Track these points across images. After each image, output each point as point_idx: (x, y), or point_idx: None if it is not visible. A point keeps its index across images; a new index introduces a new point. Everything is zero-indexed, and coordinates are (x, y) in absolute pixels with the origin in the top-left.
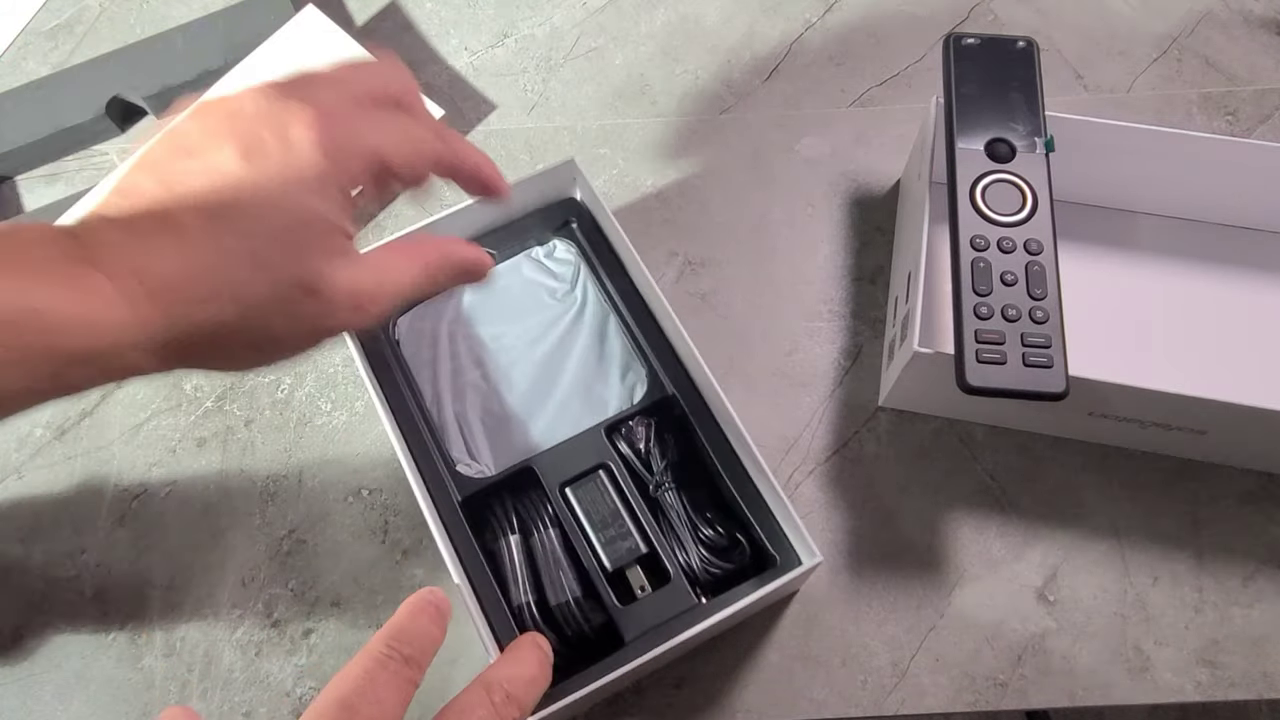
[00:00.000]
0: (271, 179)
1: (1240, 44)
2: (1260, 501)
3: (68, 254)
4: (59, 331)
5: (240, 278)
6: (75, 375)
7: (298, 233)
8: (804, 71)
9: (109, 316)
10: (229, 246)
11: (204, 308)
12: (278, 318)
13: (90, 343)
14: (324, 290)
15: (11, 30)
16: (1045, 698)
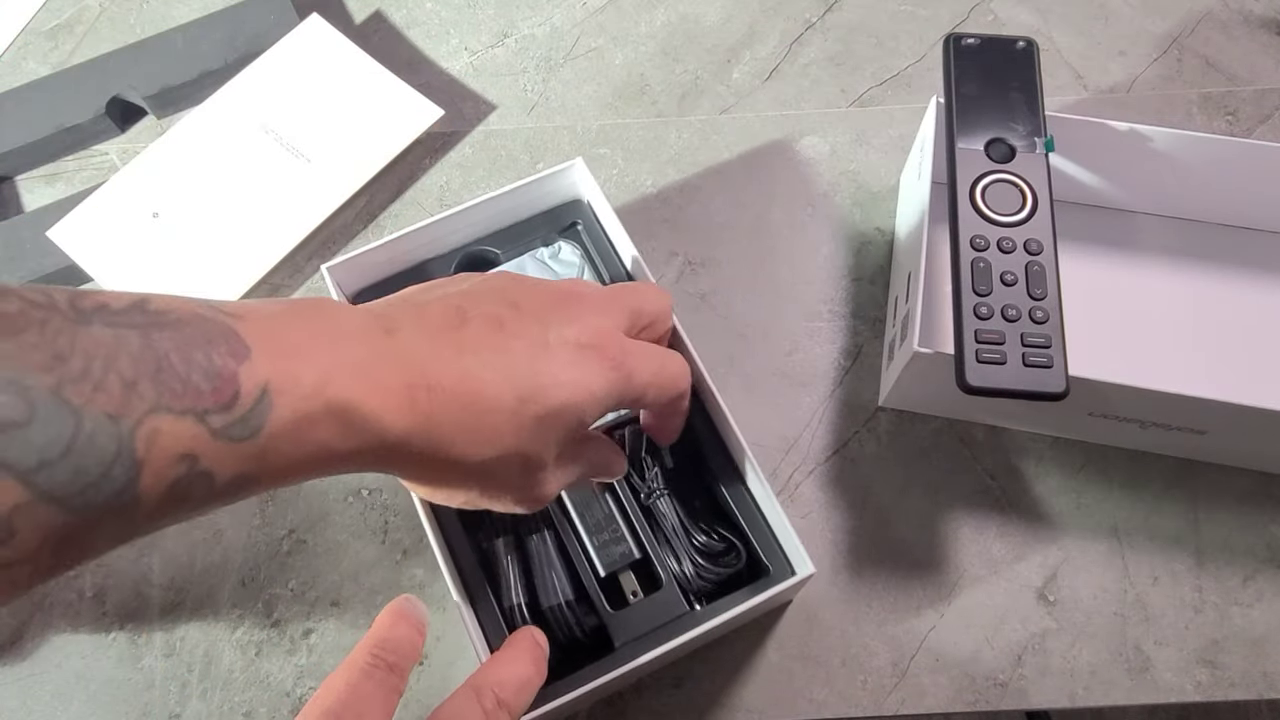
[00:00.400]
0: (560, 378)
1: (1240, 44)
2: (1260, 501)
3: (379, 353)
4: (354, 426)
5: (500, 426)
6: (334, 466)
7: (559, 426)
8: (804, 71)
9: (393, 423)
10: (504, 396)
11: (462, 439)
12: (496, 477)
13: (367, 441)
14: (543, 480)
15: (11, 30)
16: (1045, 698)
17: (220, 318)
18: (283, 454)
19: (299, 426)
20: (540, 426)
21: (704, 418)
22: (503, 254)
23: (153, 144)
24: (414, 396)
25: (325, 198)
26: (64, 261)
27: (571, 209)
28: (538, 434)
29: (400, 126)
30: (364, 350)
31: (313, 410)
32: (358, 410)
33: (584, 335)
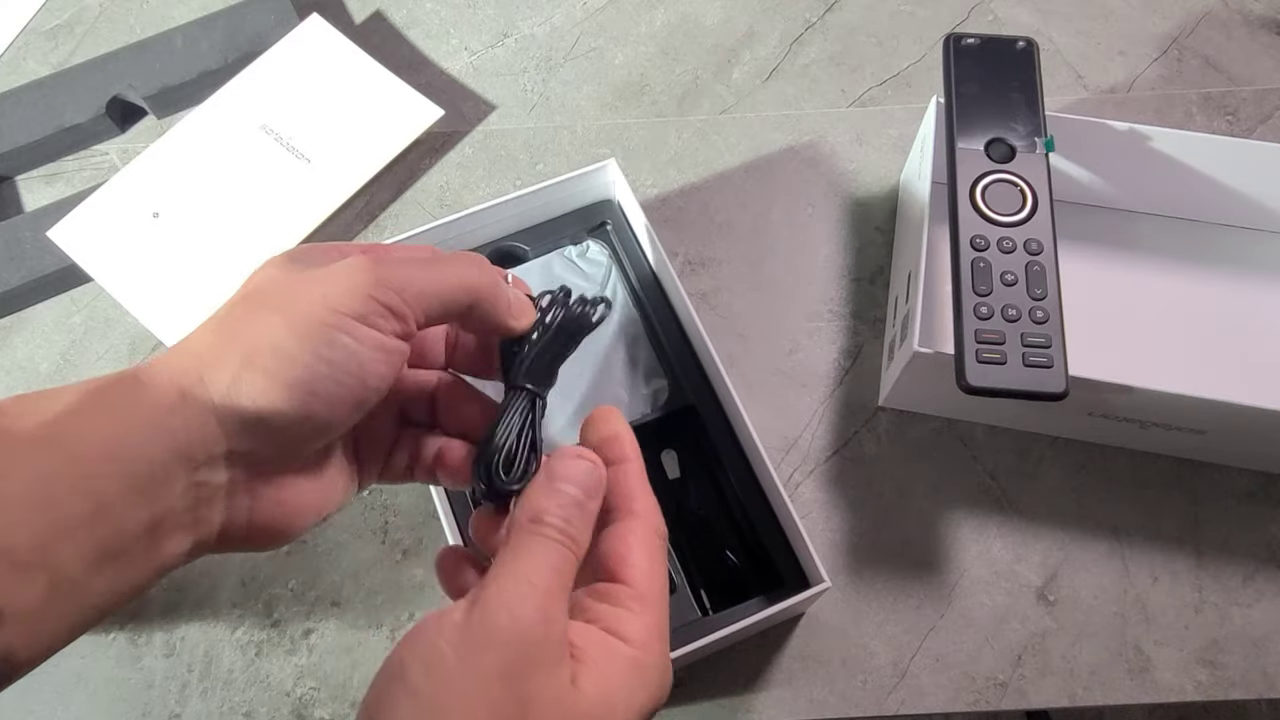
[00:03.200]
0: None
1: (1240, 44)
2: (1260, 501)
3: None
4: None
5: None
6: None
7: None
8: (804, 71)
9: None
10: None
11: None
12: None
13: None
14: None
15: (11, 30)
16: (1045, 698)
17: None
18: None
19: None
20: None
21: (724, 425)
22: (531, 251)
23: (153, 144)
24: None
25: (325, 198)
26: (64, 261)
27: (601, 209)
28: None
29: (400, 126)
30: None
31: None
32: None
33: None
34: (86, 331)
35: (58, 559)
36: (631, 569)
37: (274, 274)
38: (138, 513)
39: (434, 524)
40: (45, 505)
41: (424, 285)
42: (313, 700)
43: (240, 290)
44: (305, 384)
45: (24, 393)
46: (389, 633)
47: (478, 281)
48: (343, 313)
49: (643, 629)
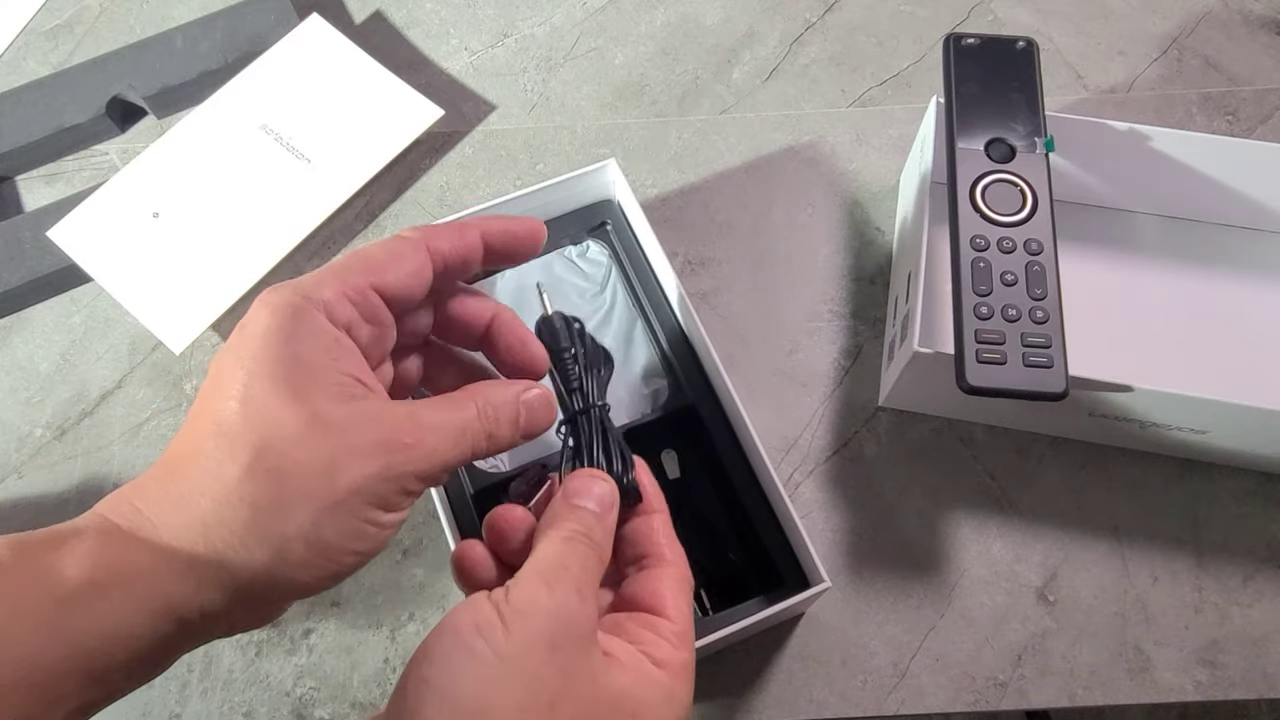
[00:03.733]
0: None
1: (1240, 44)
2: (1260, 501)
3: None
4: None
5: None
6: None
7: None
8: (804, 71)
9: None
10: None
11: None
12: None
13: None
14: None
15: (11, 30)
16: (1045, 698)
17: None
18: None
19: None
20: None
21: (724, 425)
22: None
23: (153, 144)
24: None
25: (325, 198)
26: (64, 261)
27: (601, 209)
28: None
29: (400, 126)
30: None
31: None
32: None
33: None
34: (86, 331)
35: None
36: (670, 607)
37: (289, 427)
38: (135, 676)
39: (434, 524)
40: (44, 686)
41: (440, 464)
42: (313, 700)
43: (242, 424)
44: (330, 571)
45: (19, 542)
46: (389, 633)
47: (480, 450)
48: (372, 504)
49: (678, 662)
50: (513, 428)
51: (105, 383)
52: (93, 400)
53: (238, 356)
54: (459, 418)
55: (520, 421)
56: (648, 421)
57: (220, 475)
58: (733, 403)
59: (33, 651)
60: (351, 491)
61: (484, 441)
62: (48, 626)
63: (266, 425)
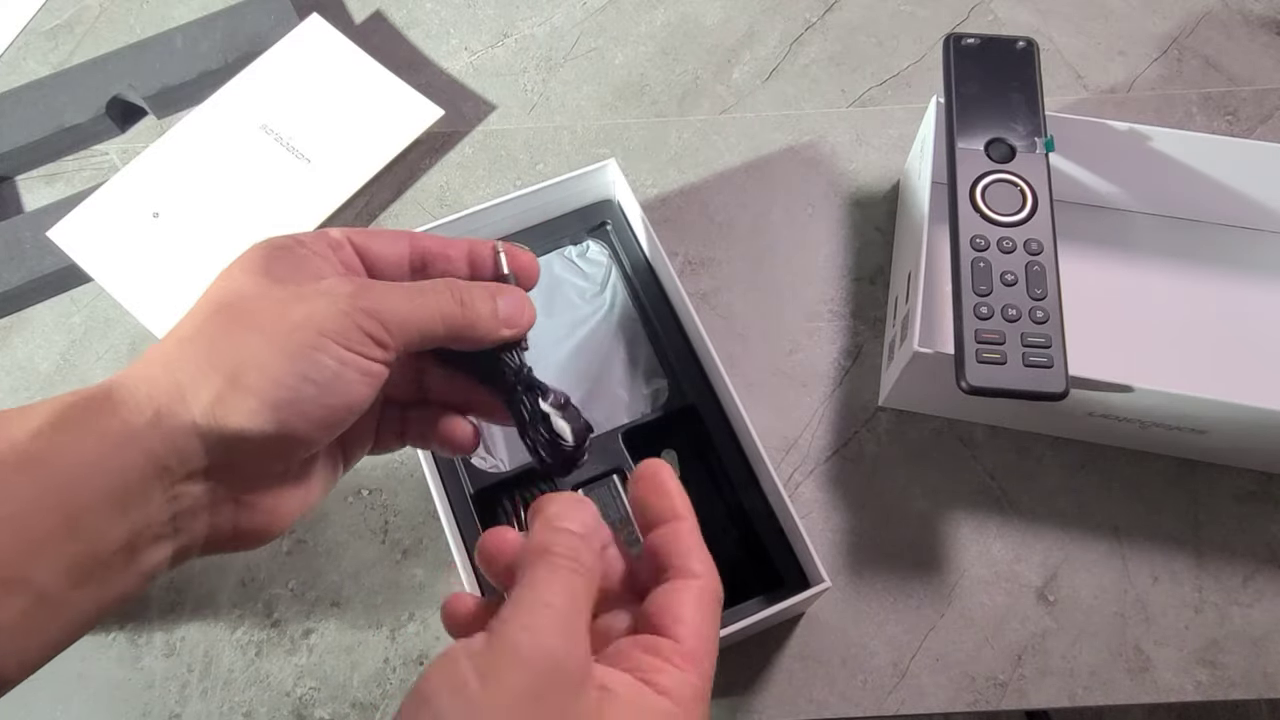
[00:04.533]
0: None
1: (1240, 44)
2: (1260, 501)
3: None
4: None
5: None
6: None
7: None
8: (804, 71)
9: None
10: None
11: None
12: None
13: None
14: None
15: (11, 30)
16: (1045, 698)
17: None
18: None
19: None
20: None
21: (724, 426)
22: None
23: (153, 144)
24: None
25: (325, 198)
26: (64, 261)
27: (601, 209)
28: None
29: (400, 126)
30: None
31: None
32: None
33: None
34: (86, 331)
35: (35, 575)
36: (680, 626)
37: (250, 286)
38: (115, 528)
39: (434, 524)
40: (20, 524)
41: (405, 316)
42: (313, 700)
43: (212, 297)
44: (290, 404)
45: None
46: (389, 633)
47: (454, 315)
48: (327, 336)
49: (683, 686)
50: (489, 304)
51: None
52: None
53: (223, 271)
54: (425, 284)
55: (499, 306)
56: (648, 421)
57: (182, 327)
58: (733, 403)
59: (3, 485)
60: (301, 321)
61: (457, 308)
62: (16, 464)
63: (231, 290)
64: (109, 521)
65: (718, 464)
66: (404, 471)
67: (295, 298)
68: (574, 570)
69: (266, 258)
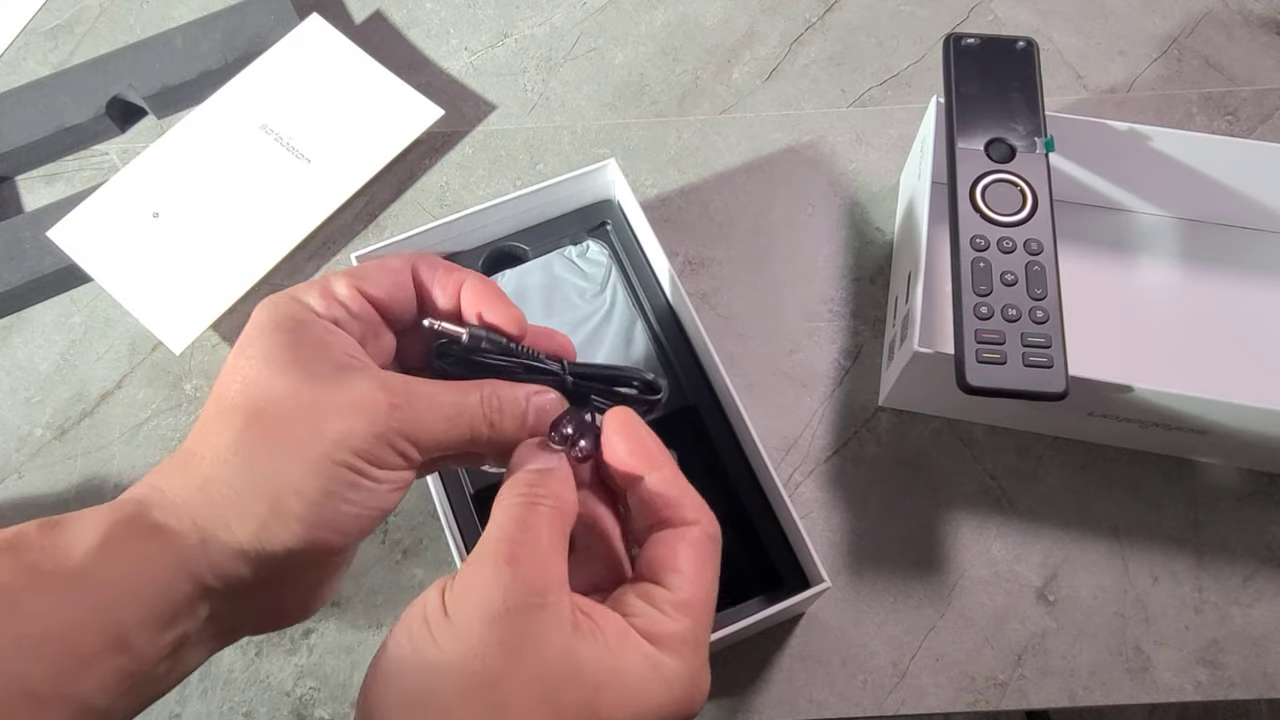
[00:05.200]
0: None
1: (1240, 44)
2: (1260, 501)
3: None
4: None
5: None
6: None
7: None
8: (804, 71)
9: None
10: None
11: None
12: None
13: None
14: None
15: (11, 30)
16: (1045, 698)
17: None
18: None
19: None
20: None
21: (724, 425)
22: (531, 251)
23: (153, 144)
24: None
25: (325, 198)
26: (64, 261)
27: (601, 209)
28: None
29: (400, 126)
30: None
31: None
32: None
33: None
34: (86, 331)
35: (83, 692)
36: (673, 574)
37: (279, 386)
38: (160, 641)
39: (434, 524)
40: (71, 641)
41: (438, 438)
42: (313, 700)
43: (239, 396)
44: (329, 522)
45: (45, 520)
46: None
47: (480, 436)
48: (362, 458)
49: (674, 634)
50: (518, 423)
51: (105, 383)
52: (93, 400)
53: (240, 351)
54: (457, 397)
55: (528, 420)
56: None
57: (218, 440)
58: (733, 402)
59: (56, 605)
60: (337, 441)
61: (485, 428)
62: (67, 583)
63: (261, 394)
64: (155, 636)
65: (718, 464)
66: None
67: (330, 407)
68: (530, 505)
69: (291, 345)
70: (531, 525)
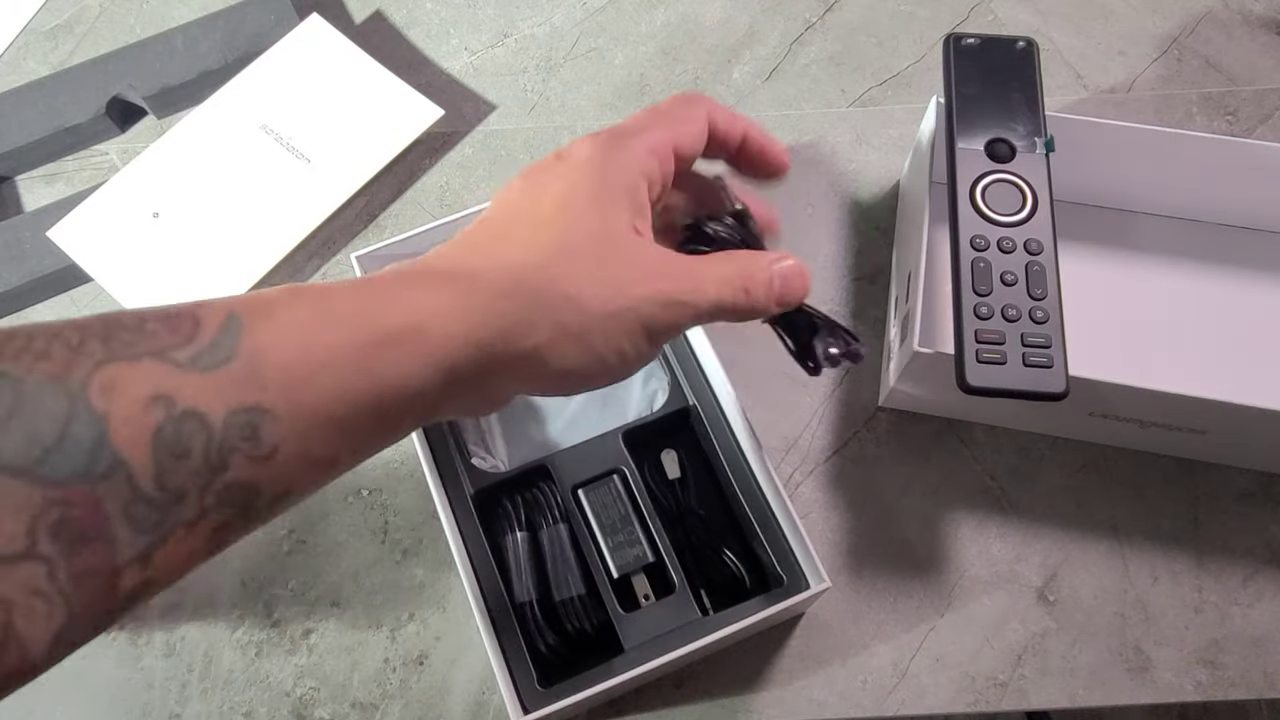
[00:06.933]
0: (572, 188)
1: (1240, 44)
2: (1260, 501)
3: (409, 275)
4: (408, 347)
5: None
6: (395, 399)
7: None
8: (804, 71)
9: (467, 330)
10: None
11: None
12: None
13: (429, 361)
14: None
15: (11, 30)
16: (1045, 698)
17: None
18: (292, 375)
19: (305, 340)
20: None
21: (724, 426)
22: None
23: (153, 144)
24: (489, 301)
25: (325, 198)
26: (64, 261)
27: None
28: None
29: (400, 126)
30: (408, 269)
31: (323, 322)
32: (409, 327)
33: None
34: None
35: (341, 456)
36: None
37: (586, 238)
38: (411, 424)
39: (434, 524)
40: (348, 425)
41: (702, 306)
42: (313, 700)
43: (551, 229)
44: (601, 363)
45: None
46: (389, 633)
47: (734, 295)
48: (644, 326)
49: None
50: (767, 289)
51: None
52: None
53: (557, 174)
54: (725, 268)
55: (775, 286)
56: (648, 422)
57: (537, 242)
58: (732, 403)
59: (342, 388)
60: (632, 305)
61: (743, 295)
62: (355, 366)
63: (576, 228)
64: (401, 425)
65: (718, 464)
66: (404, 471)
67: (630, 270)
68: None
69: (602, 175)
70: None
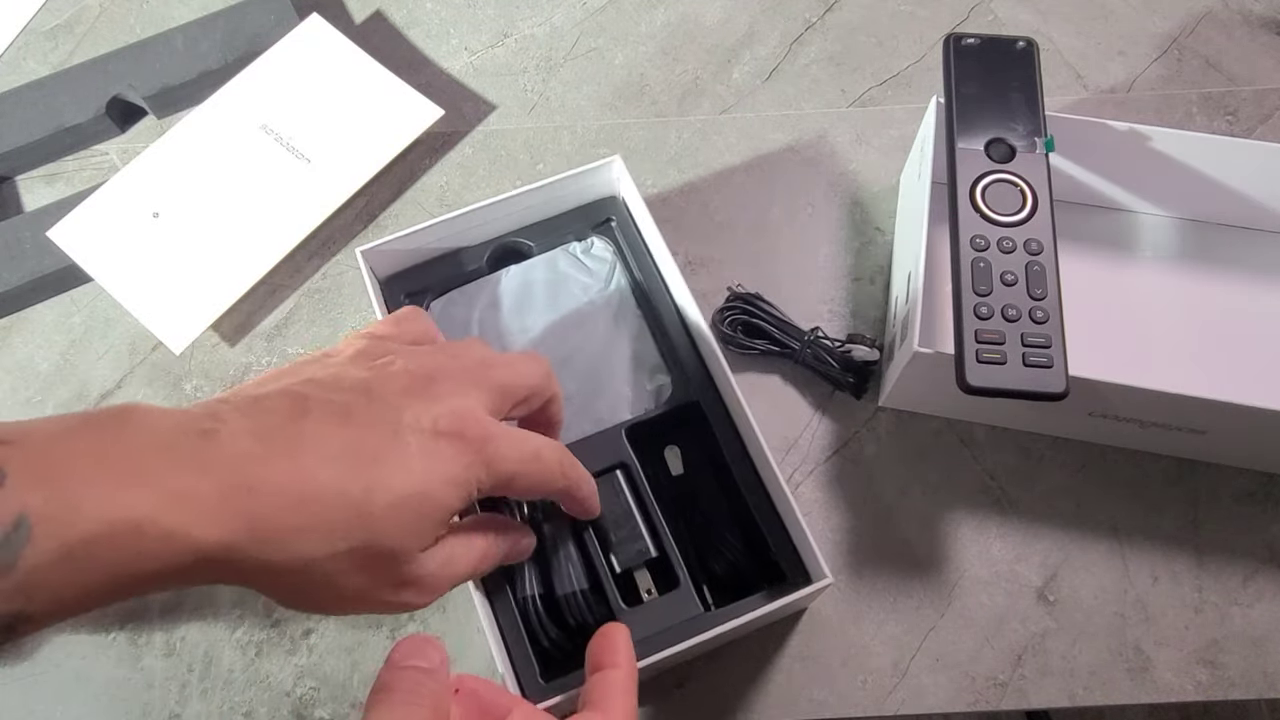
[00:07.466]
0: (410, 466)
1: (1240, 44)
2: (1260, 501)
3: (186, 459)
4: (152, 544)
5: (340, 520)
6: (142, 587)
7: (411, 514)
8: (804, 71)
9: (205, 534)
10: (345, 489)
11: (296, 539)
12: (355, 576)
13: (174, 559)
14: (413, 572)
15: (11, 30)
16: (1045, 698)
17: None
18: (55, 586)
19: (74, 554)
20: (390, 516)
21: (727, 421)
22: (535, 247)
23: (153, 144)
24: (231, 501)
25: (325, 198)
26: (64, 261)
27: (606, 205)
28: (389, 524)
29: (400, 126)
30: (166, 459)
31: (93, 533)
32: (156, 525)
33: (442, 421)
34: (86, 331)
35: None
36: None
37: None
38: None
39: None
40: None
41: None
42: (313, 700)
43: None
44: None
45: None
46: (389, 633)
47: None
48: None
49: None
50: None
51: (105, 383)
52: (93, 400)
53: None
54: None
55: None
56: (651, 418)
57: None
58: (735, 399)
59: (106, 590)
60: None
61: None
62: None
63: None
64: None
65: (720, 460)
66: None
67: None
68: (412, 703)
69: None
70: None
